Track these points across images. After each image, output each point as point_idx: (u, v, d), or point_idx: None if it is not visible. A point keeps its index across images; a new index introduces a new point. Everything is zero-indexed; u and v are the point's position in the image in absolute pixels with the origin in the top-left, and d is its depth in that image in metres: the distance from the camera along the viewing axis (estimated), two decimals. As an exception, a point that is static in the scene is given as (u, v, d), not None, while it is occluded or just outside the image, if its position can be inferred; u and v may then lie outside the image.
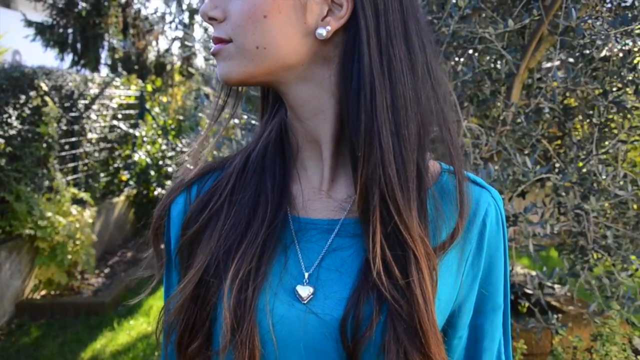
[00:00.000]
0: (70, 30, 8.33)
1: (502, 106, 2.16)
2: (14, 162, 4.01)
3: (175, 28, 9.41)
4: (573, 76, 1.93)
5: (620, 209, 2.25)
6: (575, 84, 1.95)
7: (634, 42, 2.04)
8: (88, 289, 4.49)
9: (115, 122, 6.01)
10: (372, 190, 0.57)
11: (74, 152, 5.16)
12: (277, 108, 0.68)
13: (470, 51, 2.24)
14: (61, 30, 8.26)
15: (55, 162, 4.59)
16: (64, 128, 4.92)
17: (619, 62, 2.04)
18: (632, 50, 2.12)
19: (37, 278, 4.29)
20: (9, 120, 4.01)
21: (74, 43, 8.38)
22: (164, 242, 0.70)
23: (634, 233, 2.17)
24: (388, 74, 0.56)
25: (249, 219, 0.62)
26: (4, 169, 3.90)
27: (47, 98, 4.49)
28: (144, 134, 6.43)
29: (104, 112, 5.78)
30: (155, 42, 9.14)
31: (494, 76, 2.18)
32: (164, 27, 9.16)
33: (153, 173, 6.20)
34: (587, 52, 2.05)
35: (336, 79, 0.59)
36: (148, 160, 6.25)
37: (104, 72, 8.68)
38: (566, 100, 2.38)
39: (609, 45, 2.06)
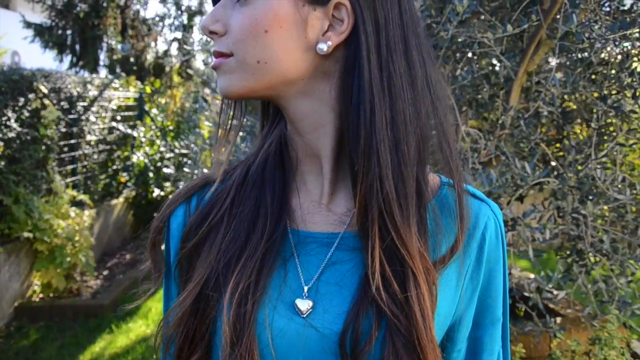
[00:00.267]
0: (69, 32, 8.33)
1: (501, 110, 2.16)
2: (12, 164, 4.01)
3: (175, 29, 9.40)
4: (572, 81, 1.93)
5: (619, 212, 2.25)
6: (574, 88, 1.95)
7: (632, 46, 2.04)
8: (87, 291, 4.49)
9: (114, 124, 6.01)
10: (370, 205, 0.57)
11: (72, 154, 5.16)
12: (277, 120, 0.68)
13: (470, 54, 2.24)
14: (60, 32, 8.25)
15: (54, 165, 4.59)
16: (63, 130, 4.92)
17: (618, 67, 2.05)
18: (631, 54, 2.13)
19: (36, 280, 4.28)
20: (7, 123, 4.00)
21: (73, 44, 8.38)
22: (164, 254, 0.71)
23: (631, 238, 2.17)
24: (388, 90, 0.57)
25: (248, 232, 0.62)
26: (3, 171, 3.90)
27: (46, 100, 4.49)
28: (142, 135, 6.43)
29: (103, 114, 5.77)
30: (154, 44, 9.14)
31: (493, 80, 2.19)
32: (162, 28, 9.16)
33: (152, 175, 6.20)
34: (586, 54, 2.06)
35: (336, 93, 0.59)
36: (147, 161, 6.25)
37: (103, 73, 8.68)
38: (565, 103, 2.39)
39: (607, 49, 2.06)
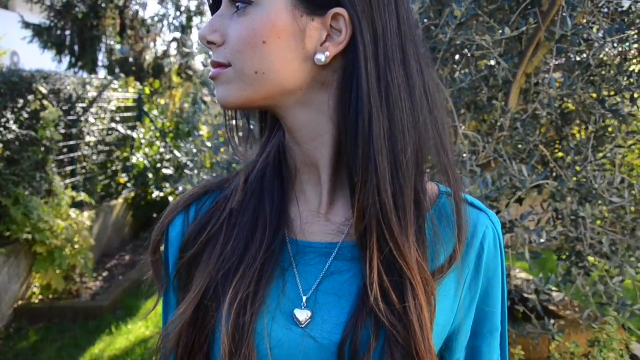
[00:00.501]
0: (68, 32, 8.32)
1: (500, 112, 2.16)
2: (12, 166, 4.01)
3: (174, 30, 9.40)
4: (570, 83, 1.94)
5: (618, 213, 2.25)
6: (572, 90, 1.95)
7: (629, 48, 2.05)
8: (86, 292, 4.48)
9: (114, 125, 6.01)
10: (368, 216, 0.57)
11: (72, 155, 5.15)
12: (276, 129, 0.68)
13: (469, 55, 2.25)
14: (59, 32, 8.24)
15: (53, 166, 4.59)
16: (62, 131, 4.91)
17: (616, 69, 2.05)
18: (629, 56, 2.13)
19: (36, 282, 4.28)
20: (7, 125, 4.00)
21: (72, 45, 8.37)
22: (162, 263, 0.71)
23: (630, 240, 2.17)
24: (386, 100, 0.57)
25: (247, 242, 0.62)
26: (2, 173, 3.90)
27: (46, 101, 4.49)
28: (142, 136, 6.42)
29: (102, 116, 5.77)
30: (153, 44, 9.13)
31: (491, 82, 2.19)
32: (162, 29, 9.15)
33: (151, 176, 6.20)
34: (585, 56, 2.06)
35: (335, 103, 0.59)
36: (146, 163, 6.25)
37: (102, 74, 8.68)
38: (564, 104, 2.39)
39: (606, 50, 2.07)
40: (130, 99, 6.60)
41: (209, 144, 2.61)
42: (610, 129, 2.22)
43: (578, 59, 2.09)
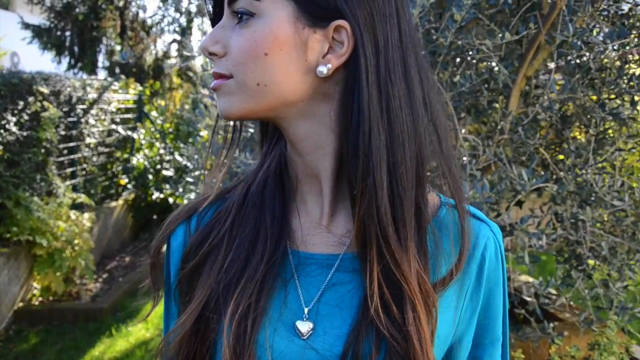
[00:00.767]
0: (68, 33, 8.32)
1: (500, 115, 2.16)
2: (12, 167, 4.01)
3: (174, 31, 9.39)
4: (570, 87, 1.94)
5: (617, 217, 2.25)
6: (572, 92, 1.95)
7: (631, 53, 2.05)
8: (86, 294, 4.48)
9: (114, 126, 6.01)
10: (368, 228, 0.57)
11: (72, 157, 5.16)
12: (277, 139, 0.68)
13: (468, 57, 2.25)
14: (59, 33, 8.24)
15: (53, 168, 4.59)
16: (62, 133, 4.92)
17: (616, 73, 2.05)
18: (629, 59, 2.13)
19: (36, 283, 4.28)
20: (7, 126, 4.00)
21: (71, 46, 8.36)
22: (164, 272, 0.71)
23: (630, 243, 2.17)
24: (386, 113, 0.57)
25: (248, 254, 0.62)
26: (2, 175, 3.90)
27: (46, 103, 4.49)
28: (142, 137, 6.42)
29: (102, 117, 5.77)
30: (153, 46, 9.12)
31: (492, 86, 2.19)
32: (162, 30, 9.14)
33: (151, 177, 6.20)
34: (585, 59, 2.06)
35: (336, 115, 0.59)
36: (146, 164, 6.25)
37: (102, 75, 8.67)
38: (564, 107, 2.39)
39: (606, 52, 2.07)
40: (130, 100, 6.60)
41: (210, 150, 2.60)
42: (610, 132, 2.22)
43: (578, 61, 2.09)
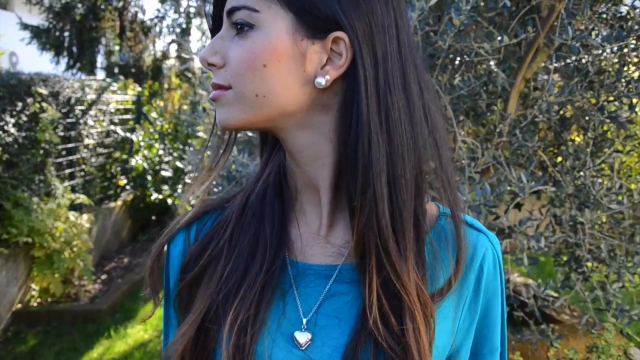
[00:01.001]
0: (67, 34, 8.31)
1: (498, 118, 2.17)
2: (10, 169, 4.01)
3: (172, 31, 9.38)
4: (569, 91, 1.94)
5: (616, 219, 2.26)
6: (571, 95, 1.95)
7: (629, 57, 2.05)
8: (85, 295, 4.48)
9: (112, 127, 6.00)
10: (367, 239, 0.57)
11: (71, 158, 5.15)
12: (276, 149, 0.68)
13: (467, 58, 2.25)
14: (57, 34, 8.24)
15: (52, 169, 4.59)
16: (61, 134, 4.91)
17: (615, 77, 2.05)
18: (627, 61, 2.14)
19: (34, 285, 4.27)
20: (5, 128, 4.00)
21: (70, 46, 8.36)
22: (163, 280, 0.71)
23: (629, 245, 2.18)
24: (386, 124, 0.57)
25: (247, 264, 0.62)
26: (1, 176, 3.89)
27: (45, 104, 4.48)
28: (140, 138, 6.42)
29: (101, 118, 5.77)
30: (152, 46, 9.12)
31: (490, 89, 2.19)
32: (161, 30, 9.14)
33: (150, 178, 6.20)
34: (584, 61, 2.06)
35: (335, 126, 0.59)
36: (145, 165, 6.24)
37: (101, 75, 8.67)
38: (562, 109, 2.40)
39: (604, 55, 2.07)
40: (129, 101, 6.60)
41: (208, 151, 2.61)
42: (609, 134, 2.23)
43: (577, 64, 2.10)
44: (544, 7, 2.11)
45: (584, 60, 2.09)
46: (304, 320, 0.60)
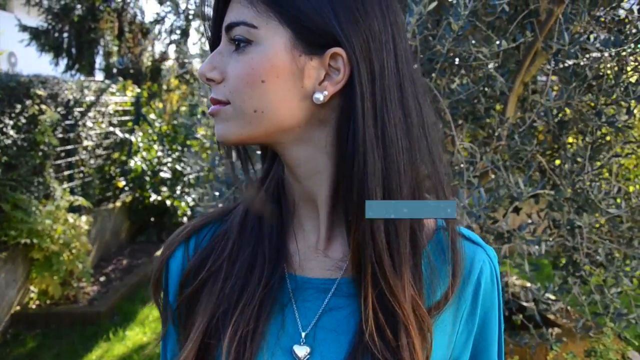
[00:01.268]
0: (66, 35, 8.30)
1: (497, 122, 2.17)
2: (9, 171, 4.01)
3: (171, 32, 9.37)
4: (567, 95, 1.95)
5: (614, 222, 2.26)
6: (570, 99, 1.96)
7: (626, 62, 2.06)
8: (83, 297, 4.48)
9: (111, 129, 6.00)
10: (363, 254, 0.58)
11: (69, 159, 5.15)
12: (276, 163, 0.68)
13: (464, 61, 2.25)
14: (56, 35, 8.23)
15: (51, 170, 4.58)
16: (60, 136, 4.91)
17: (613, 80, 2.06)
18: (625, 66, 2.14)
19: (33, 287, 4.27)
20: (4, 130, 4.00)
21: (69, 48, 8.35)
22: (162, 294, 0.71)
23: (627, 249, 2.18)
24: (382, 140, 0.57)
25: (246, 278, 0.63)
26: (0, 178, 3.89)
27: (44, 106, 4.48)
28: (139, 140, 6.42)
29: (100, 119, 5.76)
30: (151, 47, 9.11)
31: (489, 92, 2.20)
32: (160, 32, 9.13)
33: (149, 179, 6.19)
34: (582, 64, 2.07)
35: (332, 141, 0.60)
36: (144, 166, 6.24)
37: (99, 76, 8.66)
38: (560, 113, 2.40)
39: (602, 59, 2.08)
40: (127, 102, 6.60)
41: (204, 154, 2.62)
42: (608, 137, 2.23)
43: (575, 69, 2.10)
44: (543, 11, 2.12)
45: (582, 64, 2.10)
46: (303, 334, 0.60)
